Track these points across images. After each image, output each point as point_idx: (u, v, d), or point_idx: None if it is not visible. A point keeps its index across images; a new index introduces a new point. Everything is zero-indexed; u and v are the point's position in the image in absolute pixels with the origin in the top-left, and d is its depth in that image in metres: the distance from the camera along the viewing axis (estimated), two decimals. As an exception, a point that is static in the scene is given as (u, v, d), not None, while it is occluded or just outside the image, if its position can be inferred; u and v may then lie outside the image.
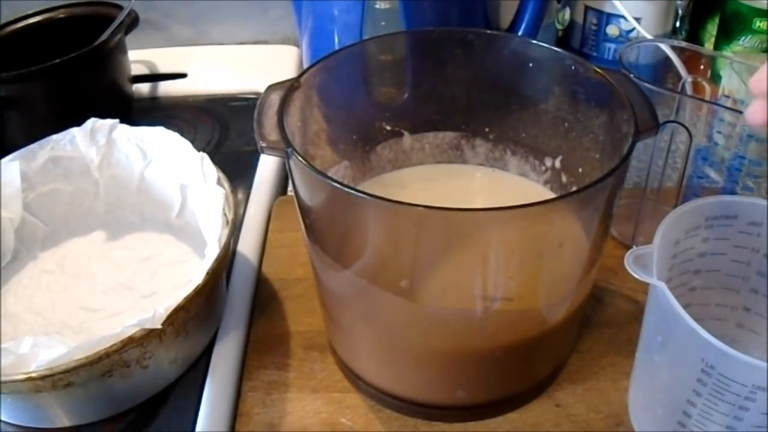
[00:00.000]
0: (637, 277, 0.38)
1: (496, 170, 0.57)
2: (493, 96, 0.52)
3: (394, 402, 0.48)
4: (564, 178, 0.53)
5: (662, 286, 0.37)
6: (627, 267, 0.38)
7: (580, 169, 0.51)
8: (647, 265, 0.38)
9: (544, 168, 0.54)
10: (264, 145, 0.40)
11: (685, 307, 0.36)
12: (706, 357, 0.35)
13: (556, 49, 0.48)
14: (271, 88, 0.44)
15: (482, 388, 0.47)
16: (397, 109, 0.55)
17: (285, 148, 0.39)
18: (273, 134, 0.40)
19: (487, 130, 0.55)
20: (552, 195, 0.54)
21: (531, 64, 0.49)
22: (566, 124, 0.49)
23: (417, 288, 0.41)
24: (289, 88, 0.44)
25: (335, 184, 0.37)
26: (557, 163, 0.53)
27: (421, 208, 0.35)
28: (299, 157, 0.38)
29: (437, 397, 0.47)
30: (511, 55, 0.50)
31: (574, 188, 0.52)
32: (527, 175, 0.55)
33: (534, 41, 0.50)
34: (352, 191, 0.37)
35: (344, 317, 0.48)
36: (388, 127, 0.55)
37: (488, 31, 0.52)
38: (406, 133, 0.56)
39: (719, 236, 0.43)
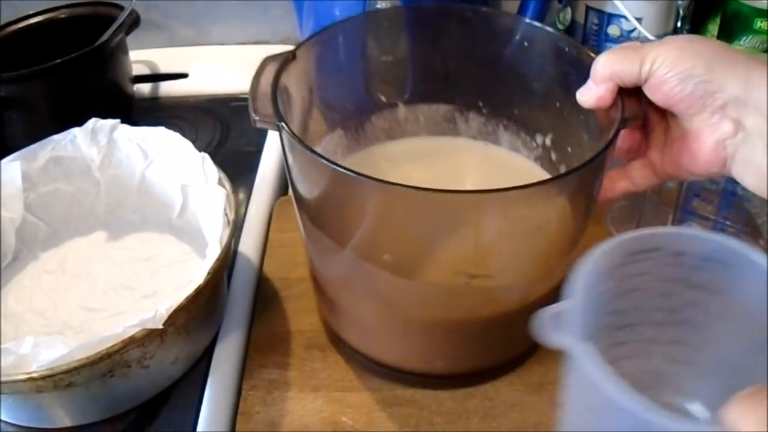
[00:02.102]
0: (557, 344, 0.33)
1: (489, 145, 0.57)
2: (487, 72, 0.53)
3: (377, 368, 0.49)
4: (554, 156, 0.53)
5: (590, 350, 0.32)
6: (542, 335, 0.33)
7: (569, 149, 0.51)
8: (569, 324, 0.33)
9: (534, 144, 0.54)
10: (257, 118, 0.40)
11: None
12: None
13: (549, 29, 0.48)
14: (267, 60, 0.44)
15: (459, 359, 0.49)
16: (393, 81, 0.55)
17: (277, 121, 0.40)
18: (267, 107, 0.41)
19: (480, 104, 0.56)
20: (541, 171, 0.54)
21: (526, 43, 0.50)
22: (558, 104, 0.49)
23: (399, 261, 0.42)
24: (285, 60, 0.44)
25: (322, 160, 0.38)
26: (548, 141, 0.53)
27: (402, 187, 0.35)
28: (289, 131, 0.39)
29: (416, 365, 0.49)
30: (506, 33, 0.51)
31: (563, 166, 0.52)
32: (518, 150, 0.56)
33: (529, 20, 0.50)
34: (338, 167, 0.37)
35: (329, 285, 0.49)
36: (383, 99, 0.55)
37: (484, 9, 0.53)
38: (400, 104, 0.56)
39: (641, 272, 0.40)
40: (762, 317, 0.38)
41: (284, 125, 0.39)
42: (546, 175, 0.54)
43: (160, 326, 0.44)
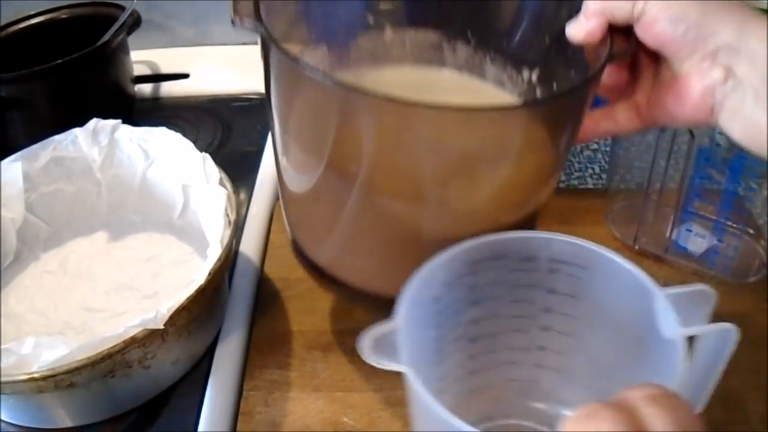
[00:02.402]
0: (381, 366, 0.31)
1: (474, 80, 0.55)
2: (478, 1, 0.52)
3: (343, 287, 0.48)
4: (538, 92, 0.52)
5: (411, 374, 0.31)
6: (365, 357, 0.31)
7: (555, 86, 0.50)
8: (395, 345, 0.31)
9: (521, 80, 0.53)
10: (237, 19, 0.40)
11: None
12: None
13: None
14: None
15: None
16: (382, 2, 0.54)
17: (257, 25, 0.39)
18: (248, 11, 0.40)
19: (469, 34, 0.54)
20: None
21: None
22: (547, 40, 0.49)
23: (368, 175, 0.41)
24: None
25: (302, 66, 0.37)
26: (534, 77, 0.52)
27: (373, 96, 0.35)
28: (267, 34, 0.38)
29: (382, 288, 0.46)
30: None
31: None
32: (504, 84, 0.54)
33: None
34: (315, 73, 0.37)
35: (295, 193, 0.48)
36: (371, 19, 0.54)
37: None
38: (388, 27, 0.54)
39: (491, 280, 0.39)
40: (623, 319, 0.37)
41: (263, 26, 0.38)
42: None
43: (162, 326, 0.44)
